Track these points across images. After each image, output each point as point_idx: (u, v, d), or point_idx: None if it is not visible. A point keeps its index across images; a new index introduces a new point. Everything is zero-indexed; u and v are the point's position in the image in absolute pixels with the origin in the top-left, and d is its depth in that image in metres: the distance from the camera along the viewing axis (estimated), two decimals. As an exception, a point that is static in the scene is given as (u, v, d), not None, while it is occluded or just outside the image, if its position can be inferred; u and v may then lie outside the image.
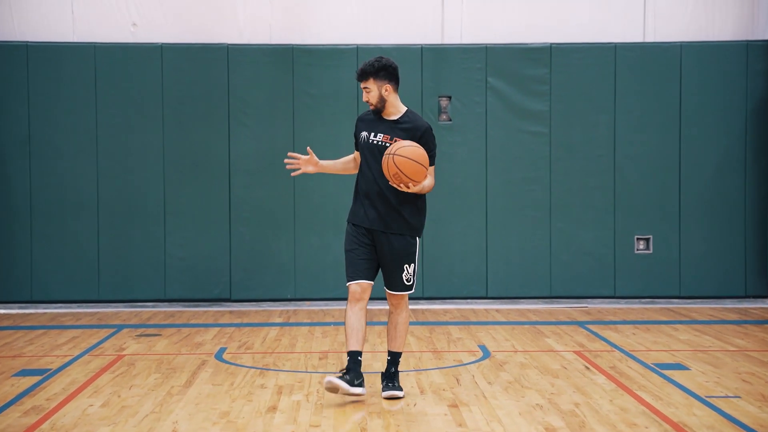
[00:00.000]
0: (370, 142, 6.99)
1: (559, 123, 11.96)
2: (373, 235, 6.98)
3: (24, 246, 11.78)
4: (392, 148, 6.72)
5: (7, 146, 11.76)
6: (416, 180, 6.73)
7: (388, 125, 7.01)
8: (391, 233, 6.96)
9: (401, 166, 6.63)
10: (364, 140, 7.02)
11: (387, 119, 7.04)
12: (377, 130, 7.02)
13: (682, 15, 12.19)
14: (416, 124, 7.01)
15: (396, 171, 6.64)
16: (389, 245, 6.96)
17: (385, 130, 6.99)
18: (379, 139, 6.97)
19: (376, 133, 7.00)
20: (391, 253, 6.97)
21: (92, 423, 6.45)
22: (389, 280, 7.07)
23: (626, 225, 12.02)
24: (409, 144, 6.75)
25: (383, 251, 6.99)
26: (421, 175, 6.75)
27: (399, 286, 7.06)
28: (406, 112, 7.07)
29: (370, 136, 7.01)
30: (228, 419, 6.53)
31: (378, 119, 7.06)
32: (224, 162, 11.81)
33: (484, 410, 6.73)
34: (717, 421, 6.43)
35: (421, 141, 6.88)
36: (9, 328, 10.40)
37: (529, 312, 11.35)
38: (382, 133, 6.99)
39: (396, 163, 6.63)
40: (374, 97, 6.95)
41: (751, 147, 12.01)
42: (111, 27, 11.97)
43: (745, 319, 10.83)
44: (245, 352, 8.96)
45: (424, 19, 12.13)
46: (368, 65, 6.92)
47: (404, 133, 6.95)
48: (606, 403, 6.93)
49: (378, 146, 6.95)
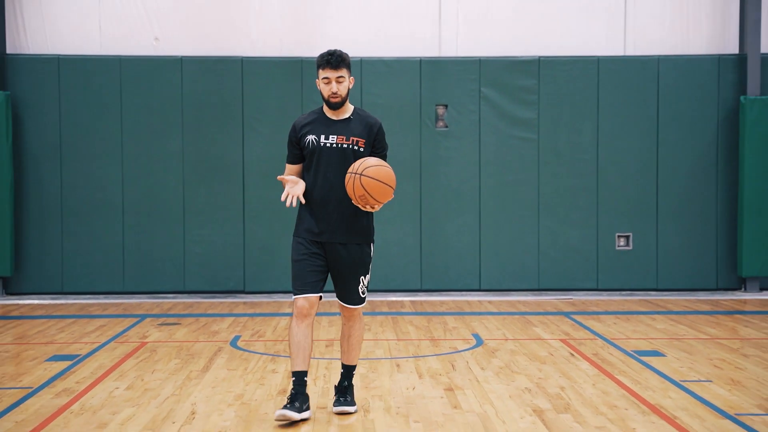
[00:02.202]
0: (323, 145, 5.96)
1: (546, 129, 11.96)
2: (326, 247, 6.01)
3: (55, 242, 11.80)
4: (357, 167, 5.76)
5: (40, 150, 11.78)
6: (383, 201, 5.80)
7: (340, 125, 6.02)
8: (349, 243, 6.00)
9: (369, 188, 5.72)
10: (314, 144, 5.96)
11: (335, 119, 6.03)
12: (329, 132, 5.99)
13: (659, 31, 12.19)
14: (369, 122, 6.06)
15: (363, 193, 5.72)
16: (348, 256, 6.01)
17: (338, 130, 5.99)
18: (333, 141, 5.97)
19: (328, 135, 5.98)
20: (349, 264, 6.02)
21: (118, 404, 6.47)
22: (344, 293, 6.09)
23: (608, 223, 12.02)
24: (375, 162, 5.78)
25: (339, 263, 6.02)
26: (389, 196, 5.80)
27: (354, 299, 6.10)
28: (355, 109, 6.10)
29: (321, 139, 5.97)
30: (242, 401, 6.55)
31: (324, 120, 6.04)
32: (239, 165, 11.82)
33: (478, 393, 6.74)
34: (690, 403, 6.44)
35: (376, 139, 6.05)
36: (42, 317, 10.42)
37: (519, 303, 11.36)
38: (335, 134, 5.98)
39: (363, 185, 5.71)
40: (345, 89, 5.96)
41: (723, 152, 12.01)
42: (135, 41, 11.98)
43: (717, 309, 10.83)
44: (258, 340, 8.98)
45: (422, 34, 12.13)
46: (341, 53, 5.94)
47: (360, 131, 6.00)
48: (589, 386, 6.94)
49: (335, 149, 5.96)
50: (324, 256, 6.03)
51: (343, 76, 5.94)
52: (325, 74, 5.93)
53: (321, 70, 5.94)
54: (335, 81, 5.92)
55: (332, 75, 5.91)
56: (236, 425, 5.95)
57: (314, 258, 6.01)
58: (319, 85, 5.99)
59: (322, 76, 5.94)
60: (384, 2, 12.05)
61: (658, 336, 9.11)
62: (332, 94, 5.94)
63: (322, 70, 5.94)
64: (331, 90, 5.93)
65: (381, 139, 6.08)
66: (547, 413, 6.19)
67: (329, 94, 5.95)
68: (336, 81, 5.92)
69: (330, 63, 5.90)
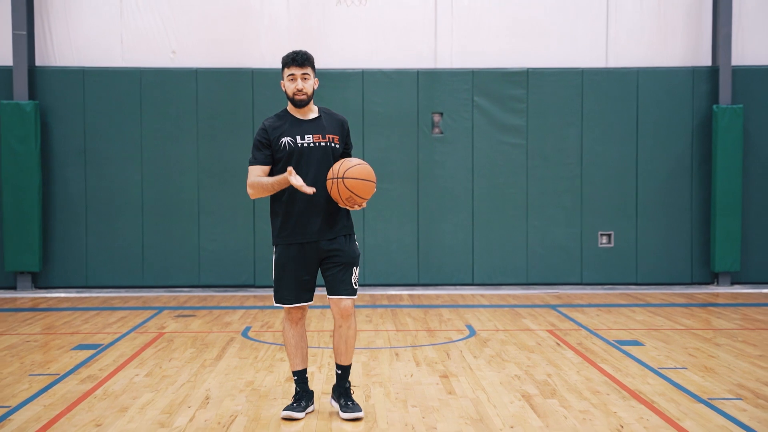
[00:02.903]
0: (301, 145, 5.56)
1: (534, 136, 11.97)
2: (314, 246, 5.61)
3: (80, 240, 11.80)
4: (338, 171, 5.44)
5: (66, 155, 11.78)
6: (368, 197, 5.51)
7: (312, 124, 5.64)
8: (337, 237, 5.64)
9: (354, 189, 5.42)
10: (290, 146, 5.55)
11: (305, 119, 5.65)
12: (303, 132, 5.60)
13: (638, 45, 12.19)
14: (339, 119, 5.75)
15: (349, 195, 5.42)
16: (338, 249, 5.63)
17: (312, 129, 5.61)
18: (310, 141, 5.58)
19: (303, 135, 5.58)
20: (344, 256, 5.64)
21: (138, 390, 6.48)
22: (337, 285, 5.63)
23: (591, 223, 12.03)
24: (354, 163, 5.48)
25: (330, 258, 5.63)
26: (372, 191, 5.52)
27: (348, 290, 5.64)
28: (320, 108, 5.74)
29: (297, 140, 5.57)
30: (252, 387, 6.56)
31: (294, 120, 5.64)
32: (250, 169, 11.80)
33: (471, 380, 6.75)
34: (667, 388, 6.45)
35: (348, 135, 5.76)
36: (68, 309, 10.43)
37: (509, 296, 11.36)
38: (310, 134, 5.60)
39: (348, 187, 5.40)
40: (311, 87, 5.59)
41: (697, 156, 12.01)
42: (154, 54, 11.99)
43: (691, 302, 10.84)
44: (267, 331, 8.98)
45: (419, 47, 12.13)
46: (305, 52, 5.61)
47: (333, 128, 5.65)
48: (574, 373, 6.95)
49: (314, 148, 5.58)
50: (315, 256, 5.62)
51: (308, 74, 5.58)
52: (290, 71, 5.57)
53: (287, 69, 5.57)
54: (300, 78, 5.55)
55: (297, 72, 5.55)
56: (247, 409, 5.96)
57: (303, 264, 5.62)
58: (284, 84, 5.61)
59: (287, 74, 5.58)
60: (383, 18, 12.05)
61: (637, 327, 9.12)
62: (297, 91, 5.56)
63: (287, 68, 5.57)
64: (296, 87, 5.56)
65: (349, 135, 5.80)
66: (535, 398, 6.19)
67: (294, 91, 5.57)
68: (301, 78, 5.55)
69: (296, 61, 5.55)
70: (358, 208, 5.55)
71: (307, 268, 5.64)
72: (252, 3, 12.03)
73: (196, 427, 5.57)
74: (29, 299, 11.18)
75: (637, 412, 5.84)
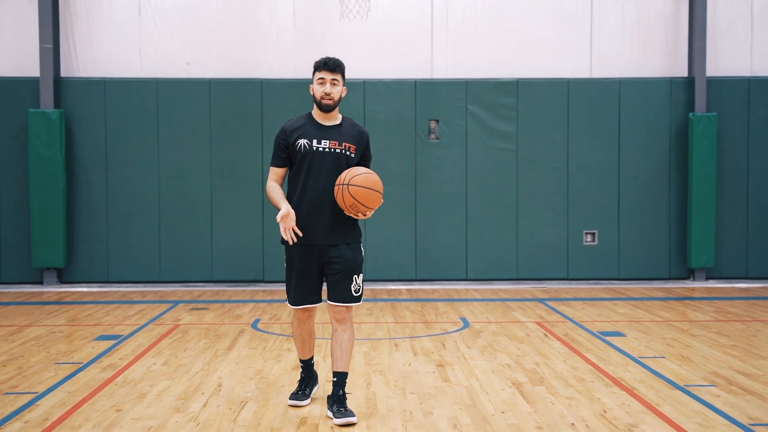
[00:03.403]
0: (315, 149, 5.33)
1: (523, 141, 11.97)
2: (320, 249, 5.38)
3: (102, 238, 11.81)
4: (344, 179, 5.21)
5: (89, 160, 11.79)
6: (373, 207, 5.30)
7: (332, 130, 5.40)
8: (341, 244, 5.39)
9: (358, 197, 5.19)
10: (305, 148, 5.33)
11: (326, 124, 5.42)
12: (321, 137, 5.36)
13: (620, 57, 12.19)
14: (360, 130, 5.50)
15: (353, 202, 5.19)
16: (341, 256, 5.37)
17: (330, 135, 5.37)
18: (326, 146, 5.34)
19: (320, 140, 5.35)
20: (343, 264, 5.36)
21: (155, 377, 6.49)
22: (337, 292, 5.38)
23: (576, 222, 12.03)
24: (361, 171, 5.24)
25: (333, 263, 5.38)
26: (378, 202, 5.29)
27: (346, 298, 5.37)
28: (344, 117, 5.51)
29: (313, 143, 5.34)
30: (261, 375, 6.56)
31: (315, 124, 5.41)
32: (258, 171, 11.82)
33: (465, 369, 6.76)
34: (647, 376, 6.46)
35: (366, 148, 5.53)
36: (90, 302, 10.43)
37: (500, 291, 11.37)
38: (327, 139, 5.35)
39: (352, 194, 5.17)
40: (338, 93, 5.36)
41: (674, 160, 12.02)
42: (170, 65, 11.99)
43: (669, 296, 10.85)
44: (275, 323, 8.99)
45: (417, 58, 12.13)
46: (339, 60, 5.38)
47: (351, 138, 5.42)
48: (560, 362, 6.96)
49: (327, 153, 5.34)
50: (317, 259, 5.39)
51: (338, 80, 5.34)
52: (321, 75, 5.34)
53: (317, 72, 5.35)
54: (330, 83, 5.32)
55: (328, 77, 5.32)
56: (257, 396, 5.97)
57: (305, 266, 5.39)
58: (313, 87, 5.39)
59: (317, 77, 5.34)
60: (383, 32, 12.05)
61: (619, 319, 9.12)
62: (325, 95, 5.33)
63: (318, 71, 5.35)
64: (325, 90, 5.32)
65: (368, 148, 5.55)
66: (524, 386, 6.20)
67: (322, 95, 5.34)
68: (331, 83, 5.33)
69: (327, 65, 5.34)
70: (362, 216, 5.30)
71: (312, 269, 5.40)
72: (261, 18, 12.04)
73: (209, 412, 5.58)
74: (55, 293, 11.19)
75: (619, 398, 5.85)
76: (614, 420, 5.35)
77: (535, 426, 5.23)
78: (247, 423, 5.33)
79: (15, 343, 7.81)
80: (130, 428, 5.23)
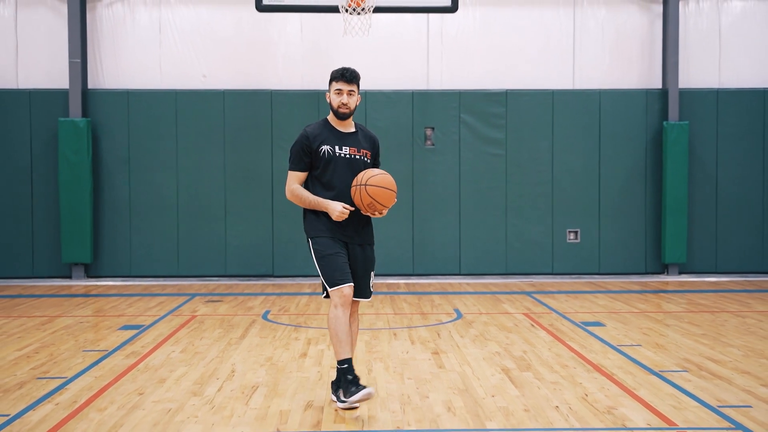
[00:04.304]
0: (338, 155, 5.25)
1: (512, 147, 11.97)
2: (347, 248, 5.30)
3: (125, 236, 11.81)
4: (360, 180, 5.14)
5: (114, 164, 11.79)
6: (389, 206, 5.20)
7: (350, 137, 5.33)
8: (364, 244, 5.36)
9: (376, 196, 5.11)
10: (329, 153, 5.23)
11: (344, 131, 5.34)
12: (342, 143, 5.27)
13: (600, 70, 12.19)
14: (372, 137, 5.46)
15: (370, 201, 5.11)
16: (363, 255, 5.34)
17: (350, 142, 5.30)
18: (347, 152, 5.27)
19: (341, 146, 5.26)
20: (364, 262, 5.34)
21: (174, 364, 6.49)
22: (360, 288, 5.34)
23: (561, 221, 12.03)
24: (377, 173, 5.20)
25: (357, 262, 5.31)
26: (393, 200, 5.17)
27: (367, 293, 5.40)
28: (357, 124, 5.45)
29: (335, 149, 5.25)
30: (271, 362, 6.57)
31: (334, 131, 5.32)
32: (268, 175, 11.83)
33: (458, 356, 6.76)
34: (625, 362, 6.46)
35: (377, 152, 5.48)
36: (115, 295, 10.44)
37: (491, 284, 11.37)
38: (348, 146, 5.28)
39: (370, 194, 5.10)
40: (354, 103, 5.29)
41: (650, 164, 12.02)
42: (188, 78, 11.99)
43: (645, 289, 10.86)
44: (284, 314, 8.99)
45: (414, 71, 12.13)
46: (355, 71, 5.30)
47: (367, 144, 5.39)
48: (546, 350, 6.96)
49: (348, 159, 5.27)
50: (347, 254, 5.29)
51: (354, 90, 5.26)
52: (338, 86, 5.25)
53: (335, 82, 5.25)
54: (347, 93, 5.24)
55: (345, 87, 5.25)
56: (266, 381, 5.97)
57: (343, 252, 5.24)
58: (330, 96, 5.30)
59: (335, 87, 5.26)
60: (383, 47, 12.05)
61: (599, 310, 9.13)
62: (342, 105, 5.24)
63: (336, 82, 5.25)
64: (341, 101, 5.24)
65: (378, 152, 5.51)
66: (512, 372, 6.20)
67: (339, 104, 5.25)
68: (347, 93, 5.24)
69: (344, 76, 5.24)
70: (378, 215, 5.19)
71: (344, 254, 5.23)
72: (271, 34, 12.03)
73: (224, 396, 5.58)
74: (82, 286, 11.19)
75: (599, 382, 5.85)
76: (595, 403, 5.35)
77: (522, 408, 5.23)
78: (258, 406, 5.33)
79: (46, 332, 7.82)
80: (152, 410, 5.24)
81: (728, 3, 12.23)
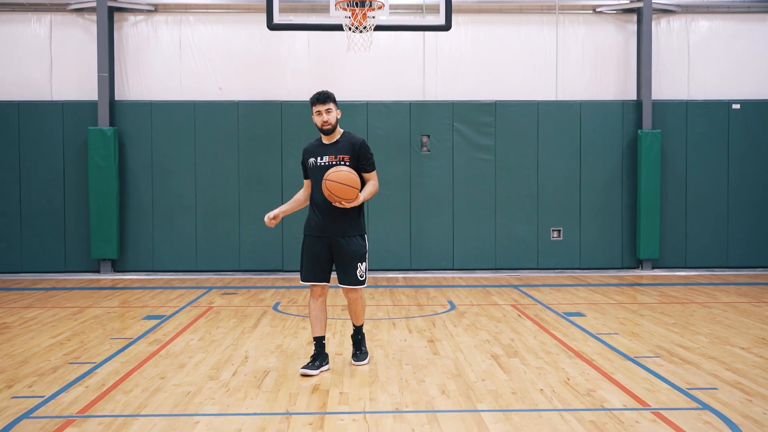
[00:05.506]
0: (318, 165, 5.61)
1: (501, 153, 11.97)
2: (331, 241, 5.61)
3: (148, 234, 11.81)
4: (326, 174, 5.42)
5: (138, 169, 11.80)
6: (347, 198, 5.39)
7: (331, 148, 5.63)
8: (346, 237, 5.60)
9: (332, 189, 5.37)
10: (313, 165, 5.63)
11: (327, 143, 5.66)
12: (323, 154, 5.62)
13: (581, 83, 12.20)
14: (352, 141, 5.63)
15: (328, 193, 5.38)
16: (346, 246, 5.59)
17: (330, 152, 5.61)
18: (325, 161, 5.60)
19: (322, 156, 5.62)
20: (347, 253, 5.60)
21: (192, 351, 6.50)
22: (343, 277, 5.68)
23: (545, 221, 12.03)
24: (336, 170, 5.42)
25: (340, 252, 5.61)
26: (351, 194, 5.37)
27: (352, 281, 5.66)
28: (344, 133, 5.69)
29: (317, 161, 5.63)
30: (281, 349, 6.57)
31: (321, 145, 5.67)
32: (278, 179, 11.83)
33: (451, 344, 6.76)
34: (603, 349, 6.46)
35: (359, 154, 5.61)
36: (138, 288, 10.44)
37: (481, 278, 11.37)
38: (327, 155, 5.61)
39: (328, 187, 5.38)
40: (334, 118, 5.58)
41: (626, 169, 12.02)
42: (205, 90, 11.99)
43: (622, 282, 10.86)
44: (292, 305, 8.99)
45: (411, 84, 12.13)
46: (327, 91, 5.61)
47: (346, 150, 5.61)
48: (531, 338, 6.96)
49: (325, 166, 5.58)
50: (328, 248, 5.61)
51: (330, 108, 5.57)
52: (317, 108, 5.59)
53: (314, 106, 5.60)
54: (324, 112, 5.57)
55: (322, 108, 5.58)
56: (277, 366, 5.97)
57: (319, 252, 5.60)
58: (314, 118, 5.63)
59: (315, 110, 5.60)
60: (383, 62, 12.06)
61: (580, 302, 9.13)
62: (324, 123, 5.58)
63: (314, 106, 5.59)
64: (322, 119, 5.58)
65: (364, 153, 5.61)
66: (501, 358, 6.20)
67: (321, 123, 5.60)
68: (325, 112, 5.57)
69: (319, 99, 5.57)
70: (340, 205, 5.42)
71: (321, 255, 5.64)
72: (280, 50, 12.04)
73: (238, 380, 5.58)
74: (109, 280, 11.20)
75: (580, 367, 5.85)
76: (576, 386, 5.35)
77: (510, 391, 5.23)
78: (269, 389, 5.33)
79: (77, 321, 7.82)
80: (172, 392, 5.24)
81: (696, 23, 12.23)
